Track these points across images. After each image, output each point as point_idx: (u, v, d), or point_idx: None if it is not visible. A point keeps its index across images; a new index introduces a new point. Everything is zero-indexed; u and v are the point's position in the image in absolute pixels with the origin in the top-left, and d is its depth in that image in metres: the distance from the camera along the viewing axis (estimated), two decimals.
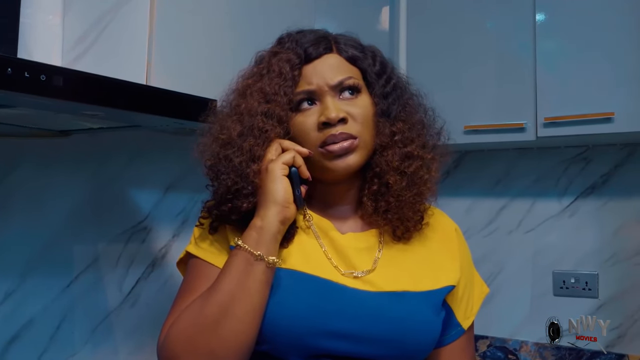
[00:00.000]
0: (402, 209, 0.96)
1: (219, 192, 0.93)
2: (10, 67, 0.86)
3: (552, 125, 1.80)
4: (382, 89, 0.99)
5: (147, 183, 1.62)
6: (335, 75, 0.95)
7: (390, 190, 0.96)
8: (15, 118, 1.14)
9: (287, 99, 0.94)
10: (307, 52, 0.96)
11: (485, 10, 1.96)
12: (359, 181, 1.00)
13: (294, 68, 0.95)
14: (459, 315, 1.02)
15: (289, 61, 0.95)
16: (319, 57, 0.97)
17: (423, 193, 0.98)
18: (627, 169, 1.98)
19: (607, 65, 1.72)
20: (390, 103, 0.99)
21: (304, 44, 0.97)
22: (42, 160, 1.38)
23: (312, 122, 0.94)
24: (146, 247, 1.61)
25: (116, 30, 1.28)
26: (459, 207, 2.18)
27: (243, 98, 0.96)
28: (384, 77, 1.00)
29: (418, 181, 0.97)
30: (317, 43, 0.97)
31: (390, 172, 0.96)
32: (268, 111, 0.93)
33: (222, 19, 1.43)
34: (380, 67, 1.01)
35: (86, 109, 1.03)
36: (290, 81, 0.94)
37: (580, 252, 2.03)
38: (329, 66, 0.96)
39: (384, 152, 0.97)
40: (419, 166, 0.97)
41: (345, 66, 0.98)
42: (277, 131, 0.93)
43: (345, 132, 0.93)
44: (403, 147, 0.97)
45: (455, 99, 1.88)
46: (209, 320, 0.84)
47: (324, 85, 0.95)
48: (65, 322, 1.42)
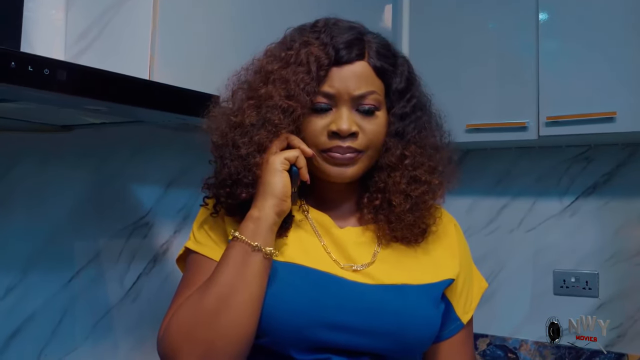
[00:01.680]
0: (402, 230, 0.97)
1: (221, 175, 0.93)
2: (14, 60, 0.86)
3: (554, 125, 1.80)
4: (401, 109, 0.97)
5: (149, 179, 1.62)
6: (359, 86, 0.93)
7: (392, 210, 0.96)
8: (17, 112, 1.14)
9: (308, 98, 0.91)
10: (338, 54, 0.93)
11: (488, 9, 1.96)
12: (358, 188, 1.01)
13: (321, 68, 0.92)
14: (458, 309, 1.02)
15: (317, 60, 0.92)
16: (349, 62, 0.93)
17: (424, 217, 0.98)
18: (629, 169, 1.98)
19: (610, 65, 1.72)
20: (406, 125, 0.97)
21: (337, 43, 0.93)
22: (44, 155, 1.38)
23: (323, 125, 0.93)
24: (148, 243, 1.61)
25: (119, 25, 1.28)
26: (460, 205, 2.18)
27: (264, 83, 0.94)
28: (406, 97, 0.98)
29: (422, 205, 0.97)
30: (350, 46, 0.93)
31: (395, 194, 0.96)
32: (288, 109, 0.91)
33: (225, 14, 1.43)
34: (406, 85, 0.98)
35: (89, 104, 1.03)
36: (316, 82, 0.92)
37: (581, 251, 2.03)
38: (356, 76, 0.93)
39: (392, 173, 0.96)
40: (425, 191, 0.96)
41: (371, 78, 0.94)
42: (289, 129, 0.92)
43: (352, 147, 0.92)
44: (412, 170, 0.96)
45: (458, 97, 1.88)
46: (207, 312, 0.84)
47: (345, 93, 0.92)
48: (67, 317, 1.42)
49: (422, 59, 2.02)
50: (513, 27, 1.91)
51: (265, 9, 1.51)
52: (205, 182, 0.98)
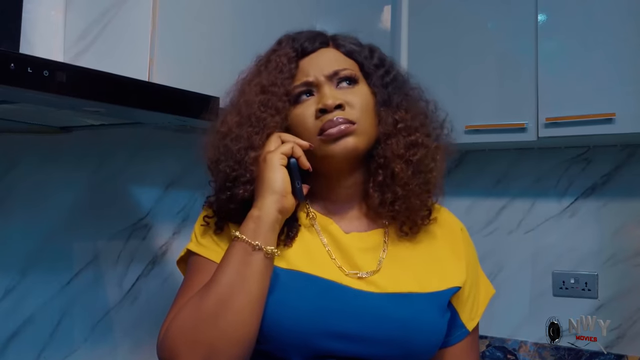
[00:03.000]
0: (409, 199, 0.96)
1: (219, 182, 0.94)
2: (13, 62, 0.86)
3: (553, 126, 1.80)
4: (380, 79, 1.00)
5: (148, 180, 1.62)
6: (331, 65, 0.97)
7: (396, 180, 0.95)
8: (16, 114, 1.14)
9: (284, 89, 0.95)
10: (303, 46, 0.99)
11: (487, 10, 1.96)
12: (362, 175, 0.99)
13: (291, 61, 0.97)
14: (463, 316, 1.01)
15: (286, 55, 0.97)
16: (315, 50, 0.99)
17: (429, 181, 0.98)
18: (628, 170, 1.98)
19: (609, 66, 1.73)
20: (391, 92, 0.99)
21: (301, 40, 0.99)
22: (43, 157, 1.38)
23: (311, 111, 0.95)
24: (147, 245, 1.61)
25: (118, 26, 1.28)
26: (459, 206, 2.17)
27: (242, 93, 0.98)
28: (382, 69, 1.01)
29: (424, 169, 0.96)
30: (313, 38, 1.00)
31: (395, 161, 0.95)
32: (265, 101, 0.94)
33: (224, 16, 1.42)
34: (379, 61, 1.02)
35: (88, 105, 1.02)
36: (287, 74, 0.96)
37: (580, 252, 2.03)
38: (326, 58, 0.98)
39: (388, 141, 0.96)
40: (424, 154, 0.97)
41: (341, 59, 0.99)
42: (275, 120, 0.94)
43: (342, 117, 0.93)
44: (407, 136, 0.96)
45: (457, 98, 1.88)
46: (208, 313, 0.83)
47: (320, 75, 0.96)
48: (65, 318, 1.41)
49: (421, 60, 2.05)
50: (512, 28, 1.91)
51: (264, 11, 1.51)
52: (207, 200, 0.99)
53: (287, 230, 0.94)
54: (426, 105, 1.03)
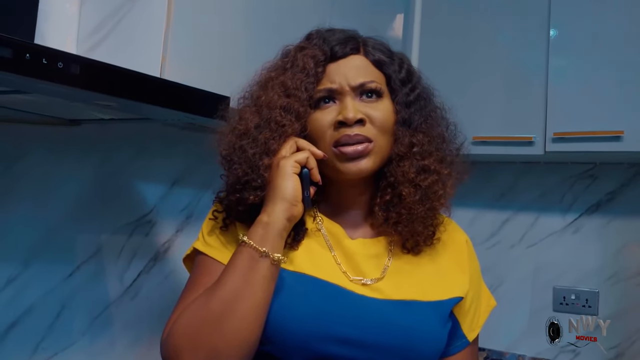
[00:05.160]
0: (412, 223, 0.95)
1: (230, 181, 0.93)
2: (29, 53, 0.86)
3: (560, 141, 1.80)
4: (405, 97, 0.97)
5: (154, 176, 1.62)
6: (358, 76, 0.94)
7: (403, 202, 0.94)
8: (28, 104, 1.14)
9: (307, 94, 0.93)
10: (333, 50, 0.95)
11: (499, 23, 1.97)
12: (371, 188, 0.99)
13: (318, 65, 0.94)
14: (464, 327, 1.01)
15: (313, 57, 0.94)
16: (344, 56, 0.96)
17: (436, 208, 0.97)
18: (634, 188, 1.98)
19: (619, 84, 1.73)
20: (412, 113, 0.97)
21: (332, 42, 0.96)
22: (51, 148, 1.38)
23: (330, 120, 0.93)
24: (149, 241, 1.61)
25: (133, 22, 1.29)
26: (462, 217, 2.13)
27: (264, 90, 0.96)
28: (409, 86, 0.98)
29: (432, 196, 0.95)
30: (344, 42, 0.96)
31: (404, 184, 0.94)
32: (287, 106, 0.92)
33: (238, 16, 1.43)
34: (406, 75, 0.99)
35: (100, 99, 1.03)
36: (313, 77, 0.93)
37: (581, 269, 2.03)
38: (354, 67, 0.95)
39: (401, 163, 0.95)
40: (435, 181, 0.95)
41: (370, 69, 0.96)
42: (294, 127, 0.92)
43: (360, 134, 0.91)
44: (420, 160, 0.95)
45: (465, 109, 1.83)
46: (212, 316, 0.83)
47: (345, 85, 0.93)
48: (65, 311, 1.41)
49: (432, 69, 2.01)
50: (523, 42, 1.91)
51: (278, 12, 1.51)
52: (217, 195, 0.98)
53: (294, 234, 0.93)
54: (446, 127, 1.01)
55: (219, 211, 0.97)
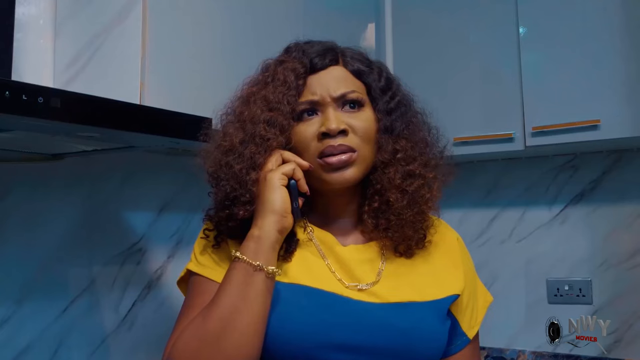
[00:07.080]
0: (402, 228, 0.96)
1: (218, 198, 0.93)
2: (8, 90, 0.86)
3: (540, 135, 1.83)
4: (386, 105, 0.99)
5: (141, 204, 1.62)
6: (338, 87, 0.96)
7: (391, 208, 0.96)
8: (9, 142, 1.14)
9: (290, 107, 0.94)
10: (312, 62, 0.97)
11: (468, 23, 2.00)
12: (359, 196, 1.00)
13: (299, 77, 0.95)
14: (463, 324, 1.02)
15: (294, 70, 0.95)
16: (324, 68, 0.97)
17: (424, 212, 0.98)
18: (615, 175, 2.01)
19: (591, 73, 1.76)
20: (394, 120, 0.98)
21: (311, 54, 0.97)
22: (36, 184, 1.37)
23: (313, 131, 0.94)
24: (142, 269, 1.60)
25: (108, 51, 1.29)
26: (450, 219, 2.13)
27: (246, 105, 0.97)
28: (389, 94, 1.00)
29: (419, 200, 0.96)
30: (323, 54, 0.98)
31: (391, 190, 0.96)
32: (270, 119, 0.93)
33: (213, 38, 1.44)
34: (386, 83, 1.01)
35: (83, 130, 1.03)
36: (294, 90, 0.94)
37: (572, 259, 2.05)
38: (334, 78, 0.97)
39: (386, 170, 0.96)
40: (421, 185, 0.97)
41: (350, 79, 0.98)
42: (279, 140, 0.93)
43: (344, 144, 0.93)
44: (405, 165, 0.96)
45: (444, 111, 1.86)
46: (211, 335, 0.83)
47: (327, 96, 0.95)
48: (62, 347, 1.40)
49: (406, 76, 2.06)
50: (494, 40, 1.94)
51: (254, 32, 1.52)
52: (207, 213, 0.98)
53: (286, 245, 0.94)
54: (428, 132, 1.03)
55: (210, 229, 0.97)
